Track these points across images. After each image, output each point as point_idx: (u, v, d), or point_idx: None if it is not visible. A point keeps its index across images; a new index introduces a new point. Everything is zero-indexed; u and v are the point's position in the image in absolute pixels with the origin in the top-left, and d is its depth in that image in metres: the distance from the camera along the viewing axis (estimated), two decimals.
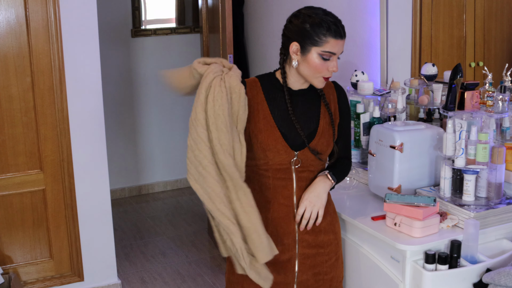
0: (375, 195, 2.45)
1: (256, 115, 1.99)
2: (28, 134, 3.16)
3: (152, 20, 5.16)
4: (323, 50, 1.89)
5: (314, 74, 1.93)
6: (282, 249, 2.04)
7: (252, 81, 2.03)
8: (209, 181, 1.84)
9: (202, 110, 1.85)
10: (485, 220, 2.09)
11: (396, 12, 2.83)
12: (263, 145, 1.97)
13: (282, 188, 2.02)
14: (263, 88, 2.01)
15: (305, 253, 2.05)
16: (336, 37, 1.89)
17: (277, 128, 1.97)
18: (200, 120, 1.85)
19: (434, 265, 1.99)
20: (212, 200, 1.85)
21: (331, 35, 1.89)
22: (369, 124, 2.59)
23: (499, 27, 2.70)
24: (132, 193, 5.32)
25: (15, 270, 3.25)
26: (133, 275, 3.80)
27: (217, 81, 1.86)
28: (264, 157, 1.99)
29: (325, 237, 2.08)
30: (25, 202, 3.22)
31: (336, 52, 1.91)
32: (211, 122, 1.84)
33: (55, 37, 3.09)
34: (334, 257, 2.11)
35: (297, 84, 2.01)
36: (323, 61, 1.91)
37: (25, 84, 3.10)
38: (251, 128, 1.99)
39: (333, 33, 1.89)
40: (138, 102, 5.19)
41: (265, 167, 2.01)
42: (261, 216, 2.01)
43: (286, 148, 1.97)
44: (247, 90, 2.01)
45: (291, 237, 2.04)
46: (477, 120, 2.18)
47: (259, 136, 1.97)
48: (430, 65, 2.66)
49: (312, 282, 2.08)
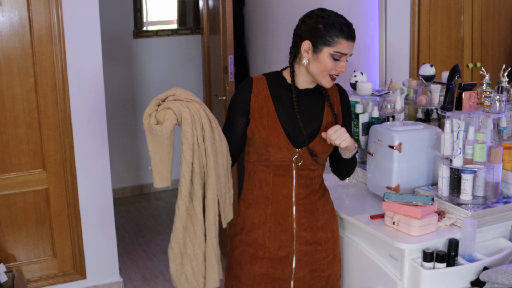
0: (374, 194, 2.46)
1: (260, 111, 2.01)
2: (31, 134, 3.18)
3: (153, 21, 5.18)
4: (335, 51, 1.94)
5: (323, 73, 1.97)
6: (280, 245, 2.06)
7: (259, 78, 2.06)
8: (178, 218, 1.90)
9: (189, 148, 1.84)
10: (483, 219, 2.11)
11: (395, 14, 2.84)
12: (266, 140, 1.99)
13: (281, 185, 2.04)
14: (269, 85, 2.04)
15: (302, 250, 2.08)
16: (348, 39, 1.94)
17: (281, 125, 2.00)
18: (187, 159, 1.86)
19: (432, 263, 2.00)
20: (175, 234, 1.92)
21: (343, 36, 1.93)
22: (368, 124, 2.61)
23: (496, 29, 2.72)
24: (134, 192, 5.34)
25: (19, 268, 3.27)
26: (135, 273, 3.82)
27: (192, 108, 1.83)
28: (265, 152, 2.01)
29: (323, 234, 2.10)
30: (28, 201, 3.24)
31: (347, 53, 1.96)
32: (198, 154, 1.87)
33: (57, 38, 3.11)
34: (331, 254, 2.13)
35: (305, 83, 2.04)
36: (334, 61, 1.95)
37: (28, 84, 3.12)
38: (255, 123, 2.01)
39: (345, 34, 1.93)
40: (139, 102, 5.21)
41: (266, 163, 2.03)
42: (260, 212, 2.06)
43: (288, 145, 2.00)
44: (253, 86, 2.03)
45: (289, 233, 2.06)
46: (474, 120, 2.19)
47: (262, 131, 2.00)
48: (428, 66, 2.67)
49: (309, 279, 2.10)
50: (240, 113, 2.04)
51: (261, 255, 2.08)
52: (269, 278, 2.08)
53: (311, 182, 2.06)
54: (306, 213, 2.06)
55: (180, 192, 1.88)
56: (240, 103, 2.04)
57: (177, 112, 1.81)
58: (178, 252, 1.91)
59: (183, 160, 1.86)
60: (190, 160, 1.85)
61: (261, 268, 2.08)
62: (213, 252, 1.92)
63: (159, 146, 1.84)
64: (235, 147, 2.07)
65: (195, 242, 1.91)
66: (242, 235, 2.11)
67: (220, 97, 3.72)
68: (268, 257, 2.07)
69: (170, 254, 1.92)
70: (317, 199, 2.09)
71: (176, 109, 1.81)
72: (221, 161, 1.94)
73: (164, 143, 1.83)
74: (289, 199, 2.05)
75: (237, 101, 2.05)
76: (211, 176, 1.88)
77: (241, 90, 2.05)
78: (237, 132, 2.05)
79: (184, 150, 1.84)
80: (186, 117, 1.81)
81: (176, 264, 1.92)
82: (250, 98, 2.02)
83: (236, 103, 2.05)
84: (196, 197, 1.89)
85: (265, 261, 2.07)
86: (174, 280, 1.95)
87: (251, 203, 2.09)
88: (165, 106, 1.82)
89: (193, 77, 5.30)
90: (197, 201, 1.89)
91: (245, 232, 2.10)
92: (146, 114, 1.82)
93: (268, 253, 2.07)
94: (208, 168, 1.88)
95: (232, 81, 3.55)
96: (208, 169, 1.88)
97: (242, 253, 2.10)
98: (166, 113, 1.81)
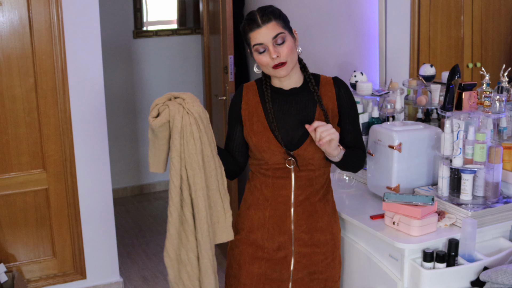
0: (374, 194, 2.46)
1: (251, 118, 2.02)
2: (31, 134, 3.18)
3: (153, 21, 5.18)
4: (253, 45, 1.93)
5: (266, 68, 1.96)
6: (279, 246, 2.06)
7: (250, 85, 2.07)
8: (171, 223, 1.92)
9: (177, 155, 1.87)
10: (483, 219, 2.10)
11: (395, 14, 2.85)
12: (258, 147, 2.00)
13: (280, 187, 2.04)
14: (259, 91, 2.05)
15: (301, 252, 2.07)
16: (253, 29, 1.91)
17: (270, 130, 1.99)
18: (175, 166, 1.87)
19: (432, 263, 2.00)
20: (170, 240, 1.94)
21: (248, 30, 1.93)
22: (368, 124, 2.61)
23: (496, 28, 2.71)
24: (134, 192, 5.34)
25: (19, 268, 3.28)
26: (135, 273, 3.82)
27: (186, 120, 1.85)
28: (261, 157, 2.02)
29: (322, 236, 2.09)
30: (28, 201, 3.24)
31: (262, 42, 1.90)
32: (185, 162, 1.87)
33: (57, 38, 3.11)
34: (330, 257, 2.12)
35: (285, 83, 2.02)
36: (262, 54, 1.93)
37: (28, 84, 3.13)
38: (247, 130, 2.03)
39: (248, 27, 1.92)
40: (139, 102, 5.21)
41: (265, 166, 2.04)
42: (258, 213, 2.06)
43: (280, 149, 1.99)
44: (243, 94, 2.05)
45: (287, 235, 2.06)
46: (474, 120, 2.19)
47: (254, 138, 2.01)
48: (428, 66, 2.67)
49: (307, 281, 2.10)
50: (235, 122, 2.07)
51: (260, 255, 2.08)
52: (268, 279, 2.08)
53: (312, 183, 2.06)
54: (305, 215, 2.06)
55: (172, 199, 1.90)
56: (234, 112, 2.07)
57: (171, 115, 1.85)
58: (174, 258, 1.93)
59: (171, 167, 1.88)
60: (179, 167, 1.88)
61: (260, 269, 2.08)
62: (209, 264, 1.93)
63: (154, 137, 1.90)
64: (239, 155, 2.09)
65: (188, 247, 1.93)
66: (242, 235, 2.11)
67: (220, 97, 3.72)
68: (266, 258, 2.07)
69: (167, 261, 1.93)
70: (317, 200, 2.08)
71: (171, 113, 1.84)
72: (214, 176, 1.93)
73: (157, 135, 1.88)
74: (287, 201, 2.04)
75: (231, 110, 2.09)
76: (201, 188, 1.89)
77: (233, 100, 2.09)
78: (236, 140, 2.08)
79: (173, 157, 1.87)
80: (176, 125, 1.84)
81: (174, 271, 1.94)
82: (240, 106, 2.05)
83: (230, 112, 2.09)
84: (185, 203, 1.91)
85: (263, 262, 2.08)
86: (173, 287, 1.96)
87: (251, 204, 2.09)
88: (167, 104, 1.86)
89: (193, 77, 5.30)
90: (187, 207, 1.91)
91: (245, 233, 2.10)
92: (154, 103, 1.88)
93: (267, 254, 2.07)
94: (196, 178, 1.88)
95: (232, 81, 3.56)
96: (196, 179, 1.88)
97: (241, 253, 2.11)
98: (164, 110, 1.85)
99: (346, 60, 3.19)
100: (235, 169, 2.10)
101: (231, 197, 3.73)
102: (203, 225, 1.90)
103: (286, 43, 1.91)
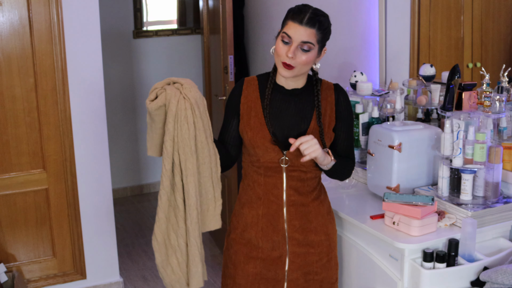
0: (374, 194, 2.47)
1: (248, 112, 2.02)
2: (31, 134, 3.18)
3: (153, 21, 5.18)
4: (283, 31, 1.92)
5: (276, 56, 1.95)
6: (273, 246, 2.06)
7: (251, 79, 2.07)
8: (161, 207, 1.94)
9: (170, 139, 1.88)
10: (483, 219, 2.11)
11: (395, 14, 2.85)
12: (252, 142, 2.00)
13: (272, 186, 2.03)
14: (260, 87, 2.04)
15: (295, 252, 2.07)
16: (295, 20, 1.90)
17: (267, 126, 1.99)
18: (168, 149, 1.88)
19: (432, 263, 2.00)
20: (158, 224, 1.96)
21: (290, 17, 1.92)
22: (368, 124, 2.61)
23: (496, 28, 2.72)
24: (134, 192, 5.34)
25: (19, 268, 3.28)
26: (135, 273, 3.82)
27: (182, 104, 1.86)
28: (254, 154, 2.02)
29: (316, 237, 2.08)
30: (28, 201, 3.25)
31: (291, 36, 1.89)
32: (178, 147, 1.88)
33: (57, 38, 3.11)
34: (325, 258, 2.11)
35: (289, 81, 2.02)
36: (284, 45, 1.92)
37: (28, 84, 3.13)
38: (243, 124, 2.02)
39: (291, 16, 1.92)
40: (139, 102, 5.21)
41: (257, 164, 2.04)
42: (252, 212, 2.06)
43: (274, 147, 1.99)
44: (244, 87, 2.04)
45: (280, 234, 2.06)
46: (474, 120, 2.19)
47: (249, 133, 2.00)
48: (428, 66, 2.67)
49: (302, 282, 2.09)
50: (232, 114, 2.06)
51: (254, 255, 2.08)
52: (263, 279, 2.08)
53: (303, 184, 2.05)
54: (298, 214, 2.05)
55: (162, 183, 1.91)
56: (232, 104, 2.07)
57: (167, 99, 1.86)
58: (162, 242, 1.94)
59: (164, 150, 1.90)
60: (171, 151, 1.89)
61: (255, 268, 2.08)
62: (197, 251, 1.93)
63: (151, 120, 1.92)
64: (232, 148, 2.09)
65: (178, 233, 1.94)
66: (236, 234, 2.12)
67: (220, 97, 3.72)
68: (261, 257, 2.07)
69: (155, 245, 1.95)
70: (310, 201, 2.07)
71: (168, 97, 1.86)
72: (207, 163, 1.94)
73: (154, 119, 1.90)
74: (280, 200, 2.04)
75: (229, 102, 2.08)
76: (193, 174, 1.89)
77: (233, 92, 2.08)
78: (231, 133, 2.07)
79: (165, 141, 1.89)
80: (171, 109, 1.86)
81: (162, 255, 1.95)
82: (240, 99, 2.04)
83: (228, 104, 2.08)
84: (177, 188, 1.92)
85: (258, 262, 2.08)
86: (160, 271, 1.98)
87: (245, 202, 2.09)
88: (165, 88, 1.88)
89: (193, 77, 5.30)
90: (178, 192, 1.92)
91: (239, 232, 2.11)
92: (153, 87, 1.90)
93: (261, 253, 2.07)
94: (188, 163, 1.89)
95: (232, 81, 3.56)
96: (188, 164, 1.89)
97: (236, 253, 2.11)
98: (161, 94, 1.88)
99: (346, 60, 3.19)
100: (227, 162, 2.09)
101: (232, 197, 3.73)
102: (192, 212, 1.91)
103: (308, 54, 1.91)
